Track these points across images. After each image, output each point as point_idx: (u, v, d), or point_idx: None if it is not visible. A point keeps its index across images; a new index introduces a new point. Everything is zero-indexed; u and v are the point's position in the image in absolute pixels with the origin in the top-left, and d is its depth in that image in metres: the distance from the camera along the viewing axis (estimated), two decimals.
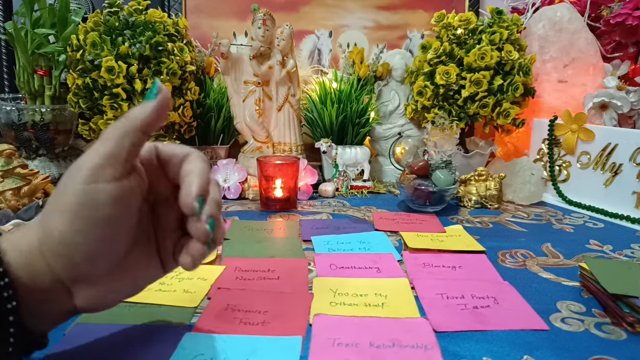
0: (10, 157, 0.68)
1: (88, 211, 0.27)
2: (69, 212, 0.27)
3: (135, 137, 0.28)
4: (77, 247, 0.27)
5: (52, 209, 0.28)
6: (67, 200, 0.27)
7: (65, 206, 0.27)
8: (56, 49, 0.80)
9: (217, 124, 0.94)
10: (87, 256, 0.28)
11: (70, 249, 0.27)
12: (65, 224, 0.27)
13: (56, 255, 0.28)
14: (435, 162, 0.74)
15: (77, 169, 0.28)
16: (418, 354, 0.34)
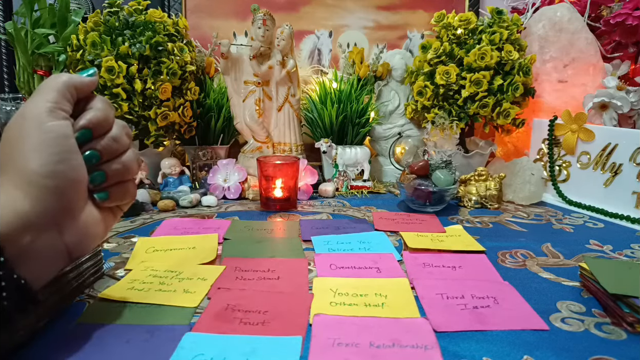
0: None
1: (61, 142, 0.31)
2: (45, 146, 0.31)
3: (72, 91, 0.34)
4: (61, 175, 0.31)
5: (22, 152, 0.31)
6: (38, 139, 0.31)
7: (37, 145, 0.31)
8: (56, 49, 0.80)
9: (217, 124, 0.94)
10: (71, 183, 0.32)
11: (57, 179, 0.31)
12: (43, 159, 0.31)
13: (42, 190, 0.30)
14: (435, 162, 0.74)
15: (32, 115, 0.32)
16: (418, 354, 0.34)
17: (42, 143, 0.31)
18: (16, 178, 0.30)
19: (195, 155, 0.90)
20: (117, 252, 0.56)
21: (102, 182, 0.35)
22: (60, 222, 0.32)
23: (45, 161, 0.31)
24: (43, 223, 0.31)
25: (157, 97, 0.78)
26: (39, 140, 0.31)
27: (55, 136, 0.31)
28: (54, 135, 0.32)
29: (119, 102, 0.76)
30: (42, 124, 0.31)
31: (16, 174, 0.31)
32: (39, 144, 0.31)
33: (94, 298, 0.42)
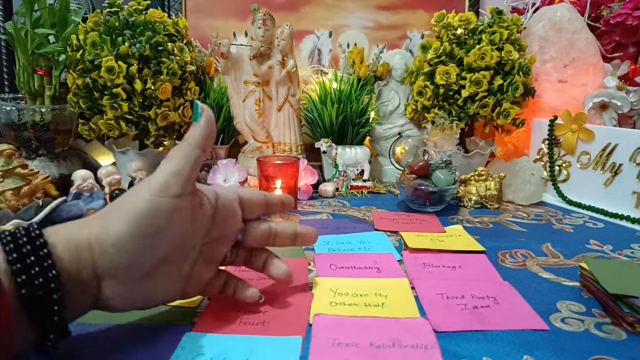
0: (10, 157, 0.68)
1: (150, 221, 0.31)
2: (133, 218, 0.31)
3: (195, 154, 0.33)
4: (127, 251, 0.31)
5: (116, 213, 0.31)
6: (134, 207, 0.31)
7: (130, 213, 0.31)
8: (56, 49, 0.80)
9: (217, 124, 0.94)
10: (131, 261, 0.31)
11: (121, 252, 0.31)
12: (124, 229, 0.30)
13: (105, 254, 0.30)
14: (435, 162, 0.74)
15: (147, 183, 0.32)
16: (418, 354, 0.34)
17: (132, 210, 0.32)
18: (99, 230, 0.31)
19: None
20: None
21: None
22: (102, 282, 0.32)
23: (122, 230, 0.31)
24: (88, 280, 0.31)
25: (157, 97, 0.78)
26: (130, 207, 0.32)
27: (146, 211, 0.32)
28: (147, 210, 0.32)
29: (119, 102, 0.76)
30: (145, 194, 0.32)
31: (101, 228, 0.31)
32: (129, 211, 0.32)
33: None
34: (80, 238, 0.31)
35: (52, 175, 0.82)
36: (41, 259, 0.28)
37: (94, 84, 0.77)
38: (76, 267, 0.30)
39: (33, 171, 0.70)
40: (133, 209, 0.31)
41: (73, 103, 0.79)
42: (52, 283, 0.28)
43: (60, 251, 0.29)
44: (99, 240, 0.30)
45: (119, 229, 0.30)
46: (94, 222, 0.32)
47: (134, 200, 0.31)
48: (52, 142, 0.83)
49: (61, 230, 0.31)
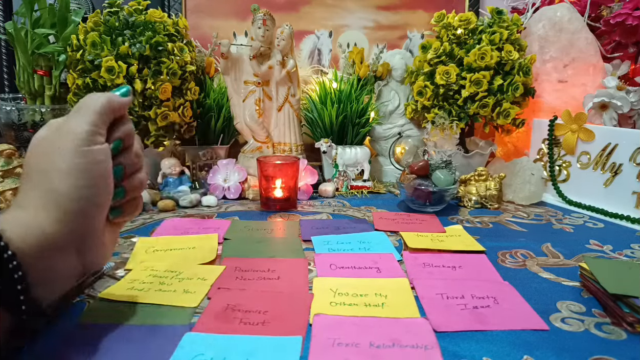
0: (10, 157, 0.68)
1: (95, 168, 0.32)
2: (78, 171, 0.31)
3: (110, 113, 0.35)
4: (90, 199, 0.32)
5: (53, 171, 0.31)
6: (71, 162, 0.31)
7: (70, 168, 0.31)
8: (56, 49, 0.80)
9: (217, 124, 0.94)
10: (97, 207, 0.32)
11: (85, 203, 0.32)
12: (74, 183, 0.31)
13: (70, 214, 0.31)
14: (435, 162, 0.74)
15: (70, 136, 0.32)
16: (418, 354, 0.34)
17: (75, 167, 0.31)
18: (44, 197, 0.31)
19: (195, 155, 0.90)
20: (117, 252, 0.56)
21: (122, 199, 0.36)
22: (83, 244, 0.32)
23: (75, 185, 0.31)
24: (67, 245, 0.31)
25: (157, 97, 0.78)
26: (72, 164, 0.31)
27: (89, 161, 0.32)
28: (89, 160, 0.32)
29: None
30: (78, 147, 0.32)
31: (44, 193, 0.31)
32: (72, 168, 0.31)
33: (94, 298, 0.42)
34: (28, 215, 0.30)
35: None
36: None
37: (94, 84, 0.77)
38: (34, 244, 0.29)
39: None
40: (66, 166, 0.32)
41: (73, 103, 0.79)
42: (9, 263, 0.27)
43: (12, 234, 0.29)
44: (52, 205, 0.31)
45: (65, 185, 0.31)
46: (31, 196, 0.32)
47: (61, 156, 0.32)
48: None
49: (7, 215, 0.31)
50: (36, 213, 0.30)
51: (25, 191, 0.32)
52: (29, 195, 0.31)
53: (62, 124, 0.33)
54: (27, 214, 0.30)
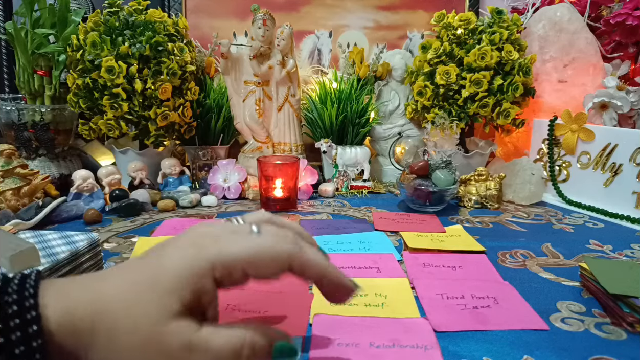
0: (10, 157, 0.68)
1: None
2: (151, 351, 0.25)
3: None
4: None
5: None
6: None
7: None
8: (56, 49, 0.80)
9: (217, 124, 0.94)
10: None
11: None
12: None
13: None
14: (435, 162, 0.74)
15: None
16: (418, 354, 0.34)
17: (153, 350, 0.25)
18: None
19: (195, 155, 0.90)
20: (117, 252, 0.56)
21: None
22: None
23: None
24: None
25: (157, 97, 0.78)
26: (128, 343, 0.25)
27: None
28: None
29: (119, 102, 0.76)
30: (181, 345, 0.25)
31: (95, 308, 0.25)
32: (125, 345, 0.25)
33: None
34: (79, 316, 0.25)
35: (52, 175, 0.82)
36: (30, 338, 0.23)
37: (94, 84, 0.77)
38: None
39: (33, 171, 0.70)
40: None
41: (73, 103, 0.79)
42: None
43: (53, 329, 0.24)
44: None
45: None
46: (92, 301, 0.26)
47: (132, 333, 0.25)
48: (52, 142, 0.83)
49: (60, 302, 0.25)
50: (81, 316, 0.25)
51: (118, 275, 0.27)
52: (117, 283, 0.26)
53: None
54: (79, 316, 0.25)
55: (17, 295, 0.24)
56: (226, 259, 0.26)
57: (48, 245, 0.43)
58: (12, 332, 0.23)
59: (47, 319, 0.24)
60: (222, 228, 0.29)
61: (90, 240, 0.44)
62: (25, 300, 0.24)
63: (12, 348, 0.23)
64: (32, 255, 0.38)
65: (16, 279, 0.25)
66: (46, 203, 0.66)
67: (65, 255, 0.41)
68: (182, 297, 0.25)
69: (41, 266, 0.38)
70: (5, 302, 0.24)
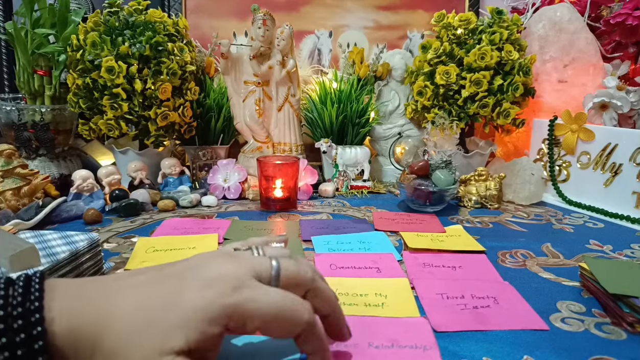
0: (10, 157, 0.68)
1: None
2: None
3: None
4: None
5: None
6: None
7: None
8: (56, 49, 0.80)
9: (217, 124, 0.94)
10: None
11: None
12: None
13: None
14: (435, 162, 0.74)
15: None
16: (417, 354, 0.34)
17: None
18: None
19: (195, 155, 0.90)
20: (117, 252, 0.56)
21: None
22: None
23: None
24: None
25: (157, 97, 0.78)
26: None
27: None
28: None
29: (119, 102, 0.76)
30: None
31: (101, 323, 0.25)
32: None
33: None
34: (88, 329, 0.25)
35: (52, 175, 0.82)
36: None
37: (94, 84, 0.77)
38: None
39: (33, 171, 0.70)
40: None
41: (73, 103, 0.79)
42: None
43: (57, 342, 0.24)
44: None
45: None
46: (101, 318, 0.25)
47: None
48: (52, 142, 0.83)
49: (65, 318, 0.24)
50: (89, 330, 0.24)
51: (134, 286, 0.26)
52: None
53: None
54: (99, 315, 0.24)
55: (21, 308, 0.23)
56: (245, 312, 0.26)
57: (48, 245, 0.43)
58: (17, 348, 0.22)
59: (53, 336, 0.23)
60: (244, 268, 0.28)
61: (90, 240, 0.44)
62: (31, 315, 0.23)
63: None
64: (32, 255, 0.38)
65: (19, 284, 0.24)
66: (46, 203, 0.66)
67: (65, 255, 0.41)
68: (188, 337, 0.24)
69: (41, 266, 0.38)
70: (10, 314, 0.23)
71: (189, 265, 0.28)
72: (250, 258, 0.29)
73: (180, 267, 0.28)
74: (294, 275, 0.29)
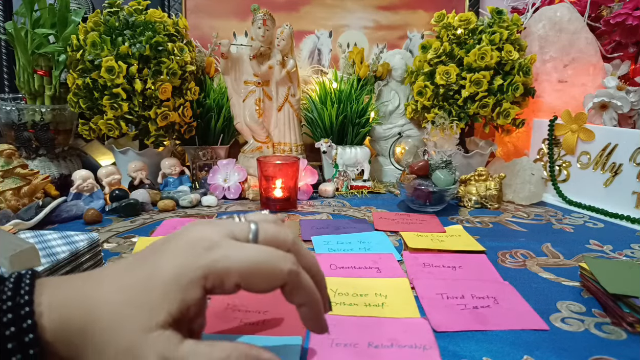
0: (10, 157, 0.68)
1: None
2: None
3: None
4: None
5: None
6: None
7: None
8: (56, 49, 0.80)
9: (217, 124, 0.94)
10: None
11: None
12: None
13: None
14: (435, 162, 0.74)
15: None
16: (416, 354, 0.34)
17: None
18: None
19: (195, 155, 0.90)
20: (117, 252, 0.56)
21: None
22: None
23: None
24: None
25: (157, 97, 0.78)
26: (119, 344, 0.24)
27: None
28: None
29: (119, 102, 0.76)
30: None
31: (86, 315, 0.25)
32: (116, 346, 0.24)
33: None
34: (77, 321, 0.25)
35: (52, 175, 0.82)
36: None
37: (94, 84, 0.77)
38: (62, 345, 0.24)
39: (33, 171, 0.70)
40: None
41: (73, 103, 0.79)
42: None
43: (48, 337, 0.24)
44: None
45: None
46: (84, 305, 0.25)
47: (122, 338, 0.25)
48: (52, 142, 0.83)
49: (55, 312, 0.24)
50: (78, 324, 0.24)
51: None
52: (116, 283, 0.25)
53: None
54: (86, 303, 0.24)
55: (11, 302, 0.23)
56: (220, 270, 0.25)
57: (48, 245, 0.43)
58: (8, 341, 0.23)
59: (43, 329, 0.24)
60: (220, 230, 0.27)
61: (90, 240, 0.44)
62: (20, 309, 0.23)
63: (8, 357, 0.23)
64: (32, 255, 0.38)
65: (10, 280, 0.25)
66: (46, 203, 0.66)
67: (65, 255, 0.41)
68: (170, 307, 0.24)
69: (41, 266, 0.38)
70: (0, 309, 0.23)
71: (167, 238, 0.28)
72: (229, 222, 0.29)
73: (157, 242, 0.28)
74: (272, 237, 0.28)
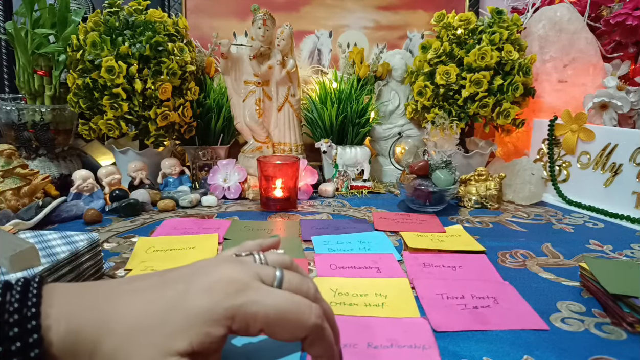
0: (10, 157, 0.68)
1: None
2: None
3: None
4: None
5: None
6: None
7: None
8: (56, 49, 0.80)
9: (217, 124, 0.94)
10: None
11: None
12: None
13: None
14: (435, 162, 0.74)
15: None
16: (416, 354, 0.34)
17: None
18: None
19: (195, 155, 0.90)
20: (117, 252, 0.56)
21: None
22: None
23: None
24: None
25: (157, 97, 0.78)
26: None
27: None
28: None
29: (119, 102, 0.76)
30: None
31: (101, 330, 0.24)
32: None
33: None
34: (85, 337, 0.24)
35: (52, 175, 0.82)
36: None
37: (94, 84, 0.77)
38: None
39: (33, 171, 0.70)
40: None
41: (73, 103, 0.79)
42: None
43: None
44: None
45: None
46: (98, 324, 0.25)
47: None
48: (52, 142, 0.83)
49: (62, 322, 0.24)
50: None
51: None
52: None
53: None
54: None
55: (18, 315, 0.23)
56: (249, 314, 0.25)
57: (48, 245, 0.43)
58: (13, 356, 0.22)
59: (49, 344, 0.23)
60: (248, 273, 0.27)
61: (90, 240, 0.44)
62: (27, 322, 0.23)
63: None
64: (32, 255, 0.38)
65: (17, 289, 0.24)
66: (46, 203, 0.66)
67: (65, 255, 0.41)
68: (192, 339, 0.24)
69: (41, 266, 0.38)
70: (6, 322, 0.23)
71: (193, 270, 0.28)
72: (254, 264, 0.29)
73: (184, 272, 0.28)
74: (296, 288, 0.29)
